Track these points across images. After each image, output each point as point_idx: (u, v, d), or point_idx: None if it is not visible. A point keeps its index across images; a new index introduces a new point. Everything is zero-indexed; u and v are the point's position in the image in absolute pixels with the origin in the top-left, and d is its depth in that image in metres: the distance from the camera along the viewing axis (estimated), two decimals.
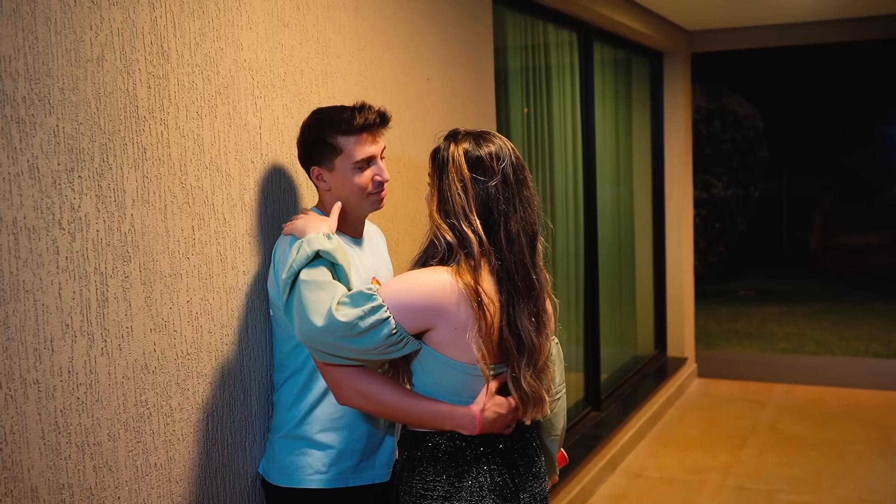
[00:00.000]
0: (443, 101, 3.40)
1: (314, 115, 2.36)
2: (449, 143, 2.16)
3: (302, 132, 2.36)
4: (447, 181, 2.12)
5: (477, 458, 2.13)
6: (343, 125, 2.27)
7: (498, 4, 4.23)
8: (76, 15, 1.87)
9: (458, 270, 2.07)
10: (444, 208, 2.12)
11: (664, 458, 5.68)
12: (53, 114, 1.82)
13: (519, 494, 2.18)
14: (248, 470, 2.38)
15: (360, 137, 2.30)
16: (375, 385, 2.08)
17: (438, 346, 2.07)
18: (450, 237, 2.10)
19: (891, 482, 5.14)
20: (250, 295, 2.37)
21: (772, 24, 7.22)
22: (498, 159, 2.14)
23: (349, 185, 2.31)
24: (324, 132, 2.28)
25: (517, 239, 2.13)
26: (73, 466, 1.88)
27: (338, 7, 2.73)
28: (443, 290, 2.05)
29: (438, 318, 2.05)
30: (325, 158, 2.30)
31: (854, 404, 6.78)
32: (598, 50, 5.90)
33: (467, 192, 2.10)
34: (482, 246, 2.08)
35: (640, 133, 7.10)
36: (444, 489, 2.12)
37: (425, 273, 2.09)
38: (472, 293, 2.05)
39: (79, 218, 1.88)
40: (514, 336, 2.12)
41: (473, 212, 2.10)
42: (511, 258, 2.11)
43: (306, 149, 2.34)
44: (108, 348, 1.95)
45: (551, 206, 5.33)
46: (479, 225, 2.09)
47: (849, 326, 10.22)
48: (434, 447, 2.13)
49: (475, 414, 2.08)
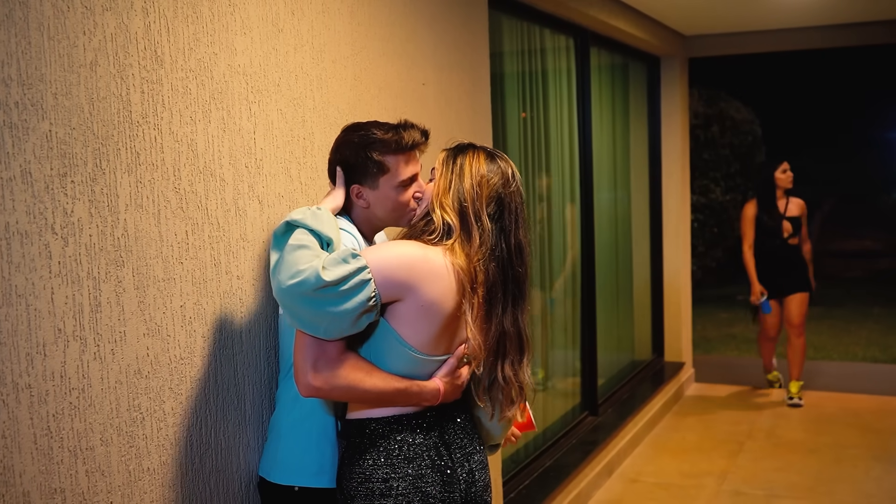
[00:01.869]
0: (438, 107, 3.40)
1: (357, 135, 2.30)
2: (466, 145, 2.31)
3: (341, 150, 2.31)
4: (464, 172, 2.23)
5: (415, 440, 2.21)
6: (393, 145, 2.25)
7: (494, 9, 4.24)
8: (69, 20, 1.88)
9: (451, 251, 2.15)
10: (457, 193, 2.22)
11: (661, 463, 5.68)
12: (46, 119, 1.82)
13: (457, 470, 2.25)
14: (242, 475, 2.38)
15: (407, 156, 2.30)
16: (352, 372, 2.11)
17: (396, 321, 2.13)
18: (453, 220, 2.19)
19: (887, 487, 5.14)
20: (244, 300, 2.37)
21: (769, 30, 7.23)
22: (513, 173, 2.29)
23: (391, 203, 2.31)
24: (369, 151, 2.25)
25: (525, 249, 2.27)
26: (65, 471, 1.88)
27: (332, 12, 2.73)
28: (424, 262, 2.13)
29: (411, 289, 2.10)
30: (369, 177, 2.28)
31: (851, 409, 6.78)
32: (595, 55, 5.91)
33: (482, 188, 2.21)
34: (483, 237, 2.18)
35: (638, 138, 7.12)
36: (383, 472, 2.18)
37: (412, 244, 2.17)
38: (466, 275, 2.16)
39: (72, 223, 1.88)
40: (518, 334, 2.27)
41: (484, 206, 2.21)
42: (519, 264, 2.25)
43: (346, 166, 2.29)
44: (100, 353, 1.95)
45: (548, 211, 5.33)
46: (487, 221, 2.20)
47: (846, 331, 10.22)
48: (372, 433, 2.20)
49: (440, 387, 2.21)
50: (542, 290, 5.32)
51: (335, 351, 2.09)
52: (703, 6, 6.21)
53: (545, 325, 5.38)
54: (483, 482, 2.33)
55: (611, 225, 6.54)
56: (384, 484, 2.16)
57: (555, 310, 5.51)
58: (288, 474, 2.31)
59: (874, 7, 6.37)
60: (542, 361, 5.41)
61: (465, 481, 2.26)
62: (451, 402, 2.30)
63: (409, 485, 2.17)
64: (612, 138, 6.51)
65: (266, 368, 2.45)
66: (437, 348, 2.20)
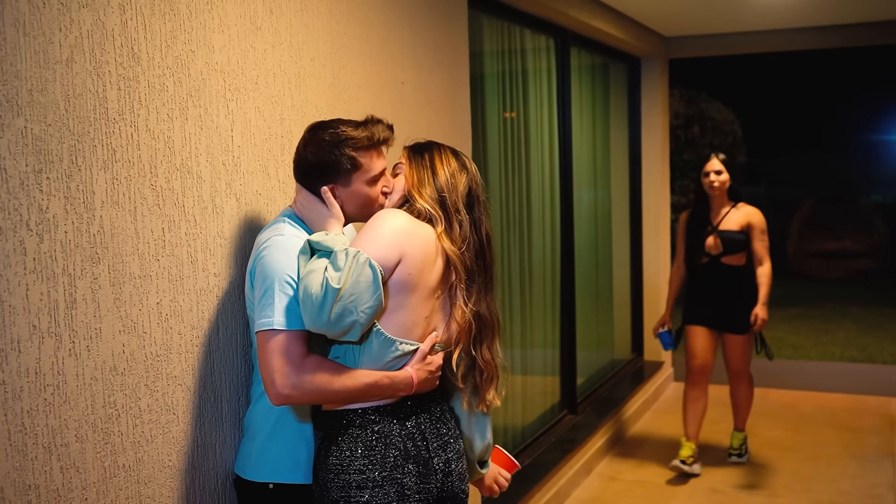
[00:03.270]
0: (417, 106, 3.41)
1: (325, 131, 2.27)
2: (429, 142, 2.40)
3: (311, 149, 2.27)
4: (438, 164, 2.32)
5: (391, 431, 2.23)
6: (364, 140, 2.25)
7: (474, 9, 4.25)
8: (45, 17, 1.88)
9: (441, 236, 2.27)
10: (434, 187, 2.30)
11: (639, 462, 5.70)
12: (21, 115, 1.82)
13: (434, 460, 2.28)
14: (219, 472, 2.39)
15: (378, 151, 2.31)
16: (318, 375, 2.13)
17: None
18: (435, 211, 2.29)
19: (863, 485, 5.18)
20: (221, 297, 2.37)
21: (749, 31, 7.27)
22: (475, 171, 2.40)
23: (363, 199, 2.31)
24: (342, 149, 2.24)
25: (492, 239, 2.40)
26: (39, 468, 1.88)
27: (311, 11, 2.74)
28: (414, 229, 2.22)
29: (403, 255, 2.17)
30: (341, 175, 2.26)
31: (828, 408, 6.84)
32: (575, 55, 5.93)
33: (456, 182, 2.32)
34: (462, 227, 2.29)
35: (618, 138, 7.14)
36: (359, 464, 2.19)
37: (400, 213, 2.25)
38: (457, 260, 2.27)
39: (47, 219, 1.88)
40: (494, 318, 2.39)
41: (460, 200, 2.31)
42: (490, 255, 2.37)
43: (319, 166, 2.26)
44: (76, 349, 1.95)
45: (528, 210, 5.35)
46: (465, 213, 2.31)
47: (825, 331, 10.30)
48: (348, 425, 2.22)
49: (412, 376, 2.24)
50: (521, 288, 5.34)
51: (298, 357, 2.11)
52: (683, 8, 6.24)
53: (524, 322, 5.39)
54: (459, 472, 2.36)
55: (591, 225, 6.57)
56: (360, 475, 2.17)
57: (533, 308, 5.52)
58: (262, 471, 2.31)
59: (853, 10, 6.43)
60: (521, 359, 5.43)
61: (442, 471, 2.29)
62: (428, 392, 2.33)
63: (386, 476, 2.18)
64: (592, 138, 6.53)
65: (243, 366, 2.45)
66: (412, 331, 2.24)
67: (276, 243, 2.20)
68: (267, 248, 2.20)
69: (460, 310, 2.31)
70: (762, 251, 5.35)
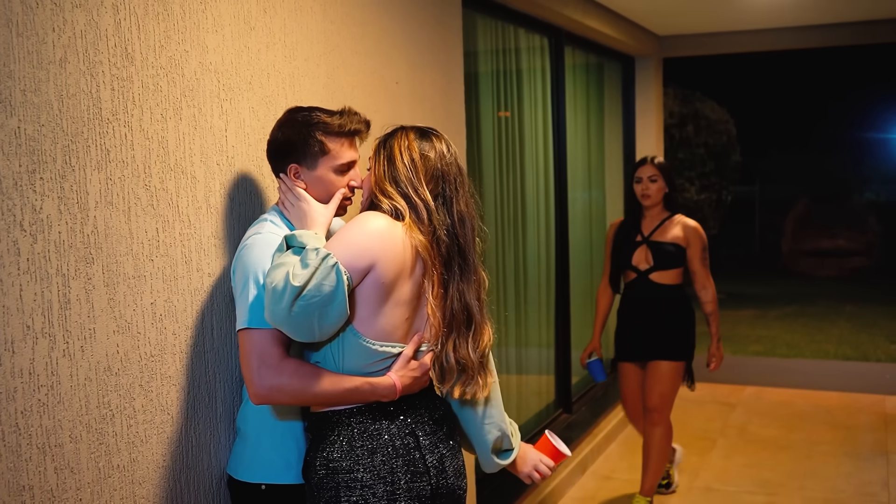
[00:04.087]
0: (412, 105, 3.41)
1: (300, 113, 2.31)
2: (396, 129, 2.33)
3: (283, 129, 2.30)
4: (396, 153, 2.26)
5: (380, 430, 2.21)
6: (335, 127, 2.27)
7: (468, 8, 4.26)
8: (38, 17, 1.87)
9: (409, 228, 2.19)
10: (394, 178, 2.24)
11: (634, 461, 5.70)
12: (15, 115, 1.82)
13: (426, 458, 2.25)
14: (213, 472, 2.39)
15: (348, 141, 2.31)
16: (296, 377, 2.12)
17: (354, 309, 2.13)
18: (400, 203, 2.22)
19: (857, 483, 5.20)
20: (215, 297, 2.37)
21: (743, 30, 7.29)
22: (447, 147, 2.31)
23: (326, 186, 2.31)
24: (312, 131, 2.26)
25: (468, 221, 2.27)
26: (33, 468, 1.88)
27: (305, 11, 2.74)
28: (388, 234, 2.14)
29: (375, 263, 2.11)
30: (308, 157, 2.28)
31: (822, 406, 6.85)
32: (569, 54, 5.94)
33: (416, 165, 2.24)
34: (430, 214, 2.20)
35: (612, 137, 7.15)
36: (347, 463, 2.18)
37: (380, 216, 2.18)
38: (426, 251, 2.18)
39: (41, 220, 1.88)
40: (464, 309, 2.27)
41: (423, 184, 2.23)
42: (463, 235, 2.25)
43: (288, 144, 2.28)
44: (70, 350, 1.95)
45: (522, 210, 5.36)
46: (429, 196, 2.22)
47: (819, 329, 10.32)
48: (336, 423, 2.21)
49: (395, 383, 2.21)
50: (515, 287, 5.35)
51: (275, 357, 2.10)
52: (677, 7, 6.25)
53: (519, 321, 5.40)
54: (454, 469, 2.32)
55: (585, 224, 6.57)
56: (349, 475, 2.16)
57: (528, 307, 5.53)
58: (254, 472, 2.32)
59: (847, 9, 6.44)
60: (516, 358, 5.43)
61: (435, 469, 2.26)
62: (421, 390, 2.31)
63: (375, 475, 2.16)
64: (586, 137, 6.53)
65: (237, 366, 2.45)
66: (393, 334, 2.20)
67: (254, 241, 2.21)
68: (245, 245, 2.22)
69: (429, 305, 2.23)
70: (704, 273, 4.60)
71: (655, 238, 4.58)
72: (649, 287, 4.60)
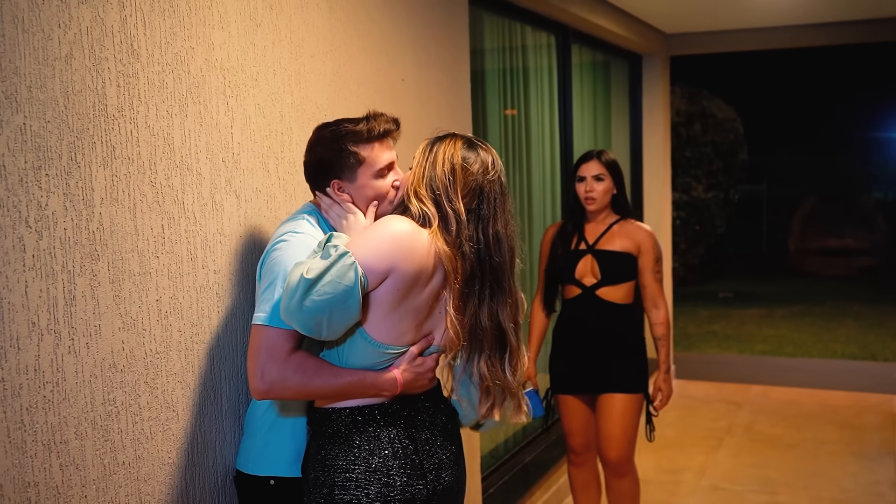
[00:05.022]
0: (417, 103, 3.40)
1: (327, 129, 2.29)
2: (447, 134, 2.29)
3: (315, 148, 2.29)
4: (439, 158, 2.22)
5: (378, 431, 2.20)
6: (365, 134, 2.26)
7: (475, 6, 4.25)
8: (44, 13, 1.87)
9: (435, 235, 2.16)
10: (430, 184, 2.21)
11: (640, 459, 5.67)
12: (20, 112, 1.82)
13: (424, 462, 2.24)
14: (219, 468, 2.38)
15: (381, 144, 2.30)
16: (299, 372, 2.12)
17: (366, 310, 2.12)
18: (430, 210, 2.19)
19: (864, 482, 5.18)
20: (221, 294, 2.37)
21: (751, 28, 7.27)
22: (493, 162, 2.25)
23: (372, 193, 2.29)
24: (343, 143, 2.25)
25: (504, 242, 2.22)
26: (38, 465, 1.88)
27: (311, 7, 2.74)
28: (411, 238, 2.12)
29: (394, 268, 2.09)
30: (346, 170, 2.27)
31: (829, 406, 6.84)
32: (576, 52, 5.93)
33: (455, 176, 2.20)
34: (459, 226, 2.16)
35: (619, 135, 7.14)
36: (343, 463, 2.17)
37: (403, 220, 2.16)
38: (448, 260, 2.14)
39: (46, 216, 1.88)
40: (497, 329, 2.24)
41: (459, 196, 2.19)
42: (498, 255, 2.21)
43: (325, 164, 2.27)
44: (75, 346, 1.95)
45: (529, 208, 5.35)
46: (462, 209, 2.18)
47: (826, 328, 10.30)
48: (335, 422, 2.20)
49: (397, 377, 2.20)
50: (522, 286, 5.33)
51: (282, 353, 2.10)
52: (684, 5, 6.24)
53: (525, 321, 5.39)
54: (453, 475, 2.31)
55: None
56: (344, 474, 2.16)
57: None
58: (263, 465, 2.32)
59: (853, 7, 6.42)
60: None
61: (433, 472, 2.25)
62: (423, 392, 2.30)
63: (370, 475, 2.16)
64: (593, 136, 6.53)
65: (243, 363, 2.45)
66: (402, 338, 2.19)
67: (291, 241, 2.20)
68: (281, 243, 2.20)
69: (449, 316, 2.20)
70: (656, 289, 3.85)
71: (602, 246, 3.83)
72: (596, 305, 3.83)
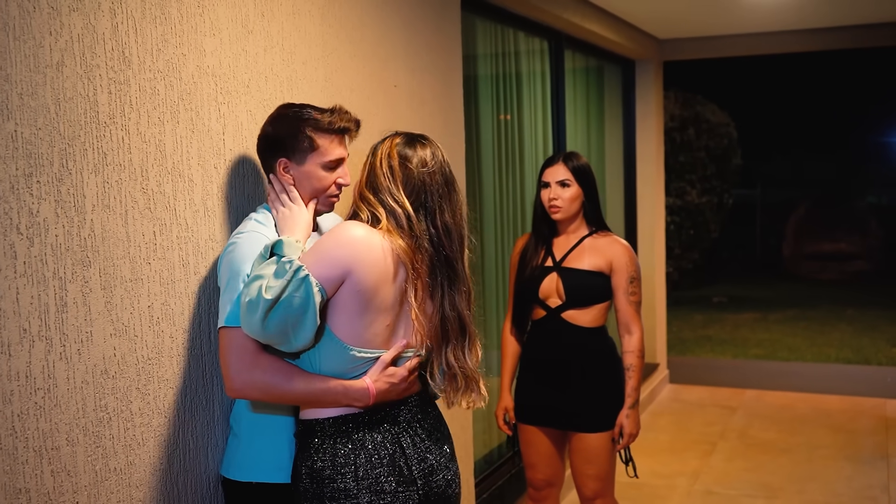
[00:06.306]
0: (410, 109, 3.41)
1: (291, 109, 2.33)
2: (385, 137, 2.33)
3: (274, 124, 2.33)
4: (377, 161, 2.27)
5: (363, 439, 2.20)
6: (325, 123, 2.29)
7: (467, 12, 4.26)
8: (35, 20, 1.88)
9: (388, 233, 2.19)
10: (373, 185, 2.26)
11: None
12: (11, 119, 1.82)
13: (413, 468, 2.24)
14: (211, 474, 2.39)
15: (337, 139, 2.33)
16: (269, 373, 2.14)
17: (332, 315, 2.14)
18: (377, 210, 2.23)
19: (857, 486, 5.19)
20: (213, 300, 2.37)
21: (744, 33, 7.29)
22: (432, 156, 2.29)
23: (315, 182, 2.33)
24: (303, 127, 2.29)
25: (454, 232, 2.26)
26: (30, 471, 1.88)
27: (303, 14, 2.74)
28: (364, 243, 2.14)
29: (350, 273, 2.11)
30: (297, 152, 2.30)
31: (823, 410, 6.85)
32: (569, 58, 5.94)
33: (394, 173, 2.24)
34: (410, 221, 2.20)
35: (613, 140, 7.15)
36: (328, 473, 2.17)
37: (358, 225, 2.18)
38: (406, 255, 2.17)
39: (37, 223, 1.88)
40: (458, 318, 2.27)
41: (402, 192, 2.23)
42: (449, 246, 2.24)
43: (278, 139, 2.31)
44: (66, 353, 1.95)
45: (522, 214, 5.36)
46: (407, 204, 2.21)
47: (821, 333, 10.31)
48: (321, 433, 2.20)
49: (368, 387, 2.19)
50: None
51: (249, 355, 2.12)
52: (677, 10, 6.25)
53: None
54: (445, 477, 2.31)
55: None
56: (332, 484, 2.16)
57: None
58: (246, 471, 2.32)
59: (847, 13, 6.44)
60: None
61: (423, 478, 2.25)
62: (407, 397, 2.30)
63: (358, 484, 2.16)
64: (587, 141, 6.54)
65: None
66: (373, 341, 2.20)
67: (239, 242, 2.24)
68: (231, 246, 2.24)
69: (413, 311, 2.23)
70: (630, 312, 3.44)
71: (570, 264, 3.41)
72: (562, 329, 3.42)
